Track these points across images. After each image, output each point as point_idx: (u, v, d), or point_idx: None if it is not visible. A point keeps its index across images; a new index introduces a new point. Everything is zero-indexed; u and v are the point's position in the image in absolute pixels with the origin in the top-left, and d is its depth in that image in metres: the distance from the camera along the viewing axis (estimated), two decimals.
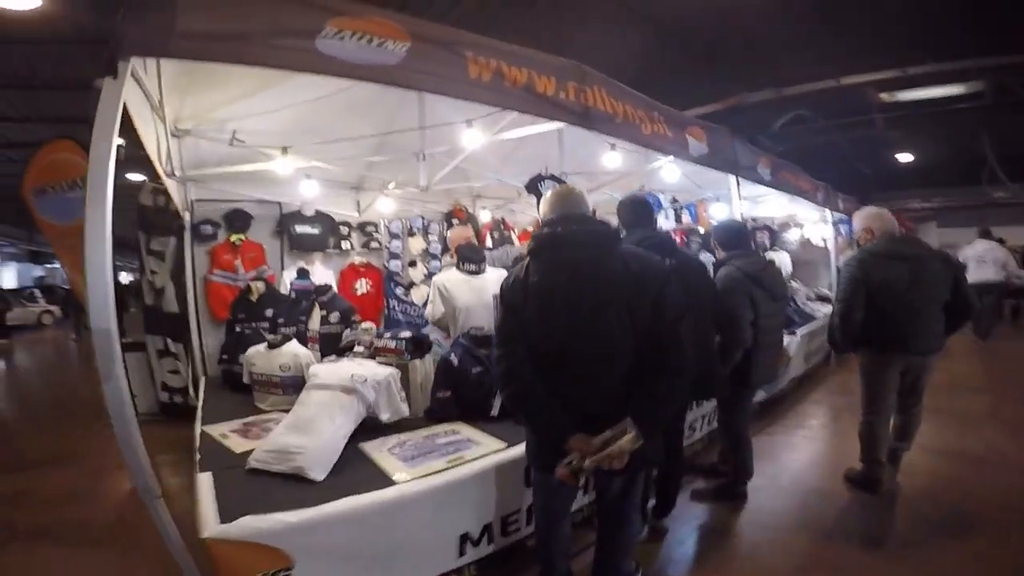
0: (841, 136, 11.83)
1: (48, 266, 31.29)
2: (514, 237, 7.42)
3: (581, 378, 2.04)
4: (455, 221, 6.78)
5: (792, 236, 9.73)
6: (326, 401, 2.89)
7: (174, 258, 5.71)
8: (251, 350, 4.10)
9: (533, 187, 4.77)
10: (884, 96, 11.03)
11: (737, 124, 12.27)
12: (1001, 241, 10.28)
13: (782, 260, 9.83)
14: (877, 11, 8.10)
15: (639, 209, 3.09)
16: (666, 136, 4.17)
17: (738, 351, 3.21)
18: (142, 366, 5.83)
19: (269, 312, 5.11)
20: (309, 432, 2.67)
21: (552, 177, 4.72)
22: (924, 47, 8.91)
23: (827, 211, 8.67)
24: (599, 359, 2.01)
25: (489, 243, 6.98)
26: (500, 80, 2.85)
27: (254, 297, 5.17)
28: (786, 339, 5.34)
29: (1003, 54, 8.81)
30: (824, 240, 9.48)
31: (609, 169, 5.46)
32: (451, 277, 4.11)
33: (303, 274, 5.74)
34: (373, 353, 3.59)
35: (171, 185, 4.97)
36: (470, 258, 4.12)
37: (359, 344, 3.71)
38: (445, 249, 6.61)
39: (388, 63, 2.40)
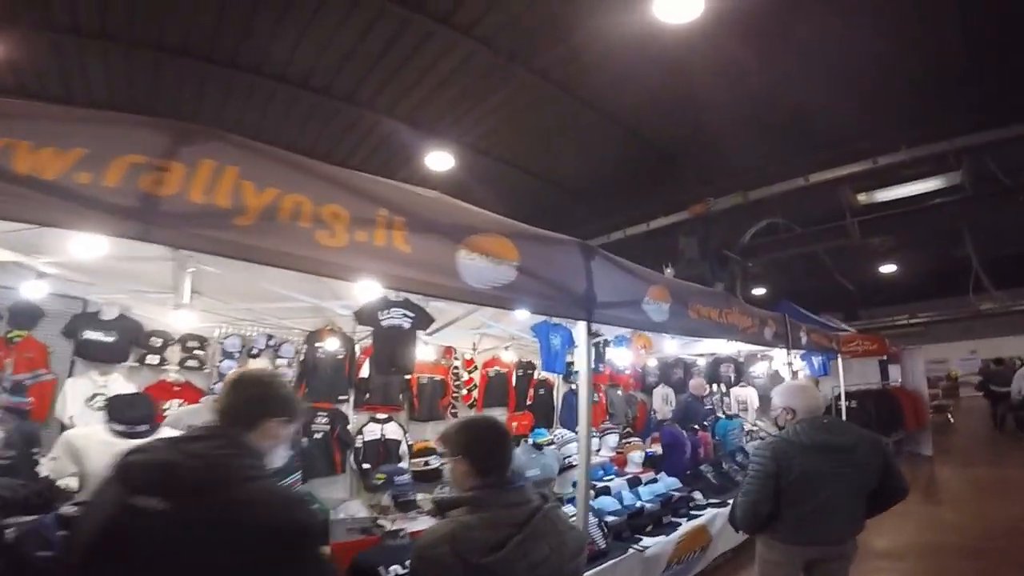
0: (818, 246, 11.01)
1: None
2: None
3: None
4: (319, 342, 5.32)
5: (760, 369, 8.61)
6: None
7: None
8: None
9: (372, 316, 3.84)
10: (861, 197, 10.33)
11: (706, 237, 11.63)
12: None
13: (748, 396, 8.70)
14: (844, 100, 7.47)
15: None
16: None
17: None
18: None
19: None
20: None
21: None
22: (895, 135, 8.28)
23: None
24: None
25: None
26: None
27: None
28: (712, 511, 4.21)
29: (978, 131, 8.06)
30: (795, 373, 8.34)
31: None
32: (90, 433, 2.78)
33: (17, 389, 4.01)
34: None
35: None
36: (120, 415, 2.72)
37: None
38: (303, 377, 5.17)
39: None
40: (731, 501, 4.58)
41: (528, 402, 6.83)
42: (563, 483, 4.11)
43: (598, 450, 5.05)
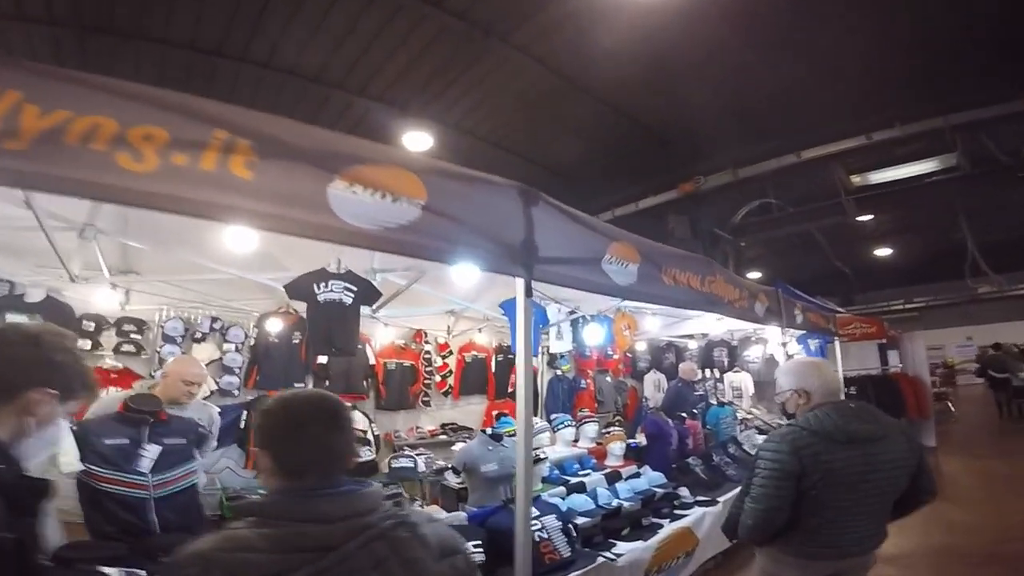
0: (812, 224, 10.45)
1: None
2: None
3: None
4: (271, 324, 4.69)
5: (754, 353, 8.08)
6: None
7: None
8: None
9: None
10: (855, 179, 9.77)
11: (697, 216, 11.03)
12: None
13: (743, 381, 8.17)
14: (838, 77, 6.95)
15: None
16: None
17: None
18: None
19: None
20: None
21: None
22: (889, 110, 7.75)
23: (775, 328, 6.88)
24: None
25: None
26: None
27: None
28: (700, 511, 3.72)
29: (975, 108, 7.53)
30: (791, 358, 7.81)
31: None
32: None
33: None
34: None
35: None
36: None
37: None
38: (254, 363, 4.70)
39: None
40: (721, 500, 4.16)
41: (510, 389, 6.32)
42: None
43: (576, 440, 4.53)
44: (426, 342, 5.86)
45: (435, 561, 1.03)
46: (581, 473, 3.92)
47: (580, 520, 3.23)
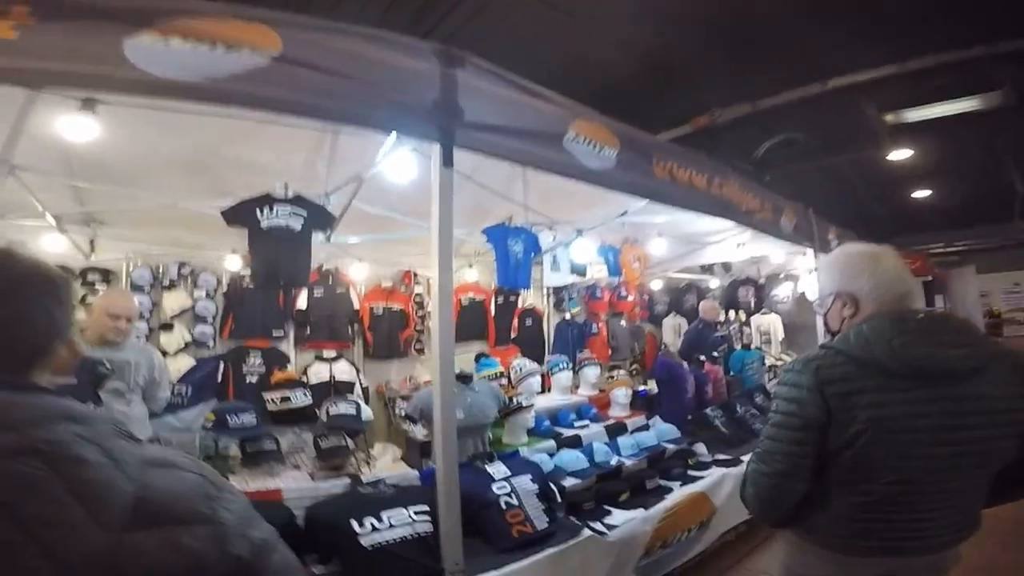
0: (842, 158, 9.23)
1: None
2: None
3: None
4: (247, 273, 4.08)
5: (784, 292, 7.20)
6: None
7: None
8: None
9: None
10: (888, 118, 8.45)
11: (712, 151, 9.75)
12: None
13: (771, 324, 7.32)
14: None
15: None
16: None
17: None
18: None
19: None
20: None
21: None
22: (925, 38, 6.49)
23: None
24: None
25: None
26: None
27: None
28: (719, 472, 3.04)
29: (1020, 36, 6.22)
30: None
31: None
32: None
33: None
34: None
35: None
36: None
37: None
38: (229, 311, 4.18)
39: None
40: (745, 459, 3.37)
41: (513, 334, 5.67)
42: (513, 430, 2.96)
43: (577, 386, 3.85)
44: (416, 283, 5.21)
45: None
46: (578, 425, 3.28)
47: (569, 482, 2.60)
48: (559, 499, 2.43)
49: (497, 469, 2.29)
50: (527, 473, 2.33)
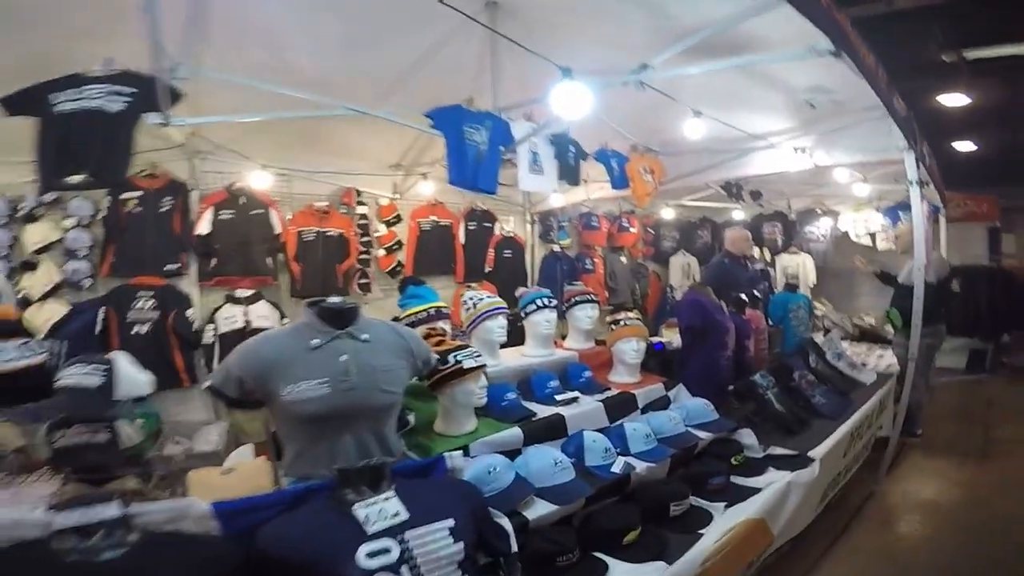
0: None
1: None
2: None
3: None
4: (130, 196, 3.06)
5: (820, 228, 5.84)
6: None
7: None
8: None
9: None
10: (945, 58, 6.71)
11: None
12: None
13: (802, 265, 6.00)
14: None
15: None
16: None
17: None
18: None
19: None
20: None
21: None
22: None
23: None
24: None
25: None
26: None
27: None
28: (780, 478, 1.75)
29: None
30: (873, 235, 5.54)
31: None
32: None
33: None
34: None
35: None
36: None
37: None
38: (109, 242, 3.04)
39: None
40: (818, 455, 1.87)
41: (487, 267, 4.38)
42: (450, 412, 1.64)
43: (564, 337, 2.54)
44: (360, 203, 3.86)
45: None
46: (560, 399, 2.01)
47: (536, 511, 1.39)
48: (511, 547, 1.22)
49: (377, 510, 1.06)
50: (445, 515, 1.10)
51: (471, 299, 2.05)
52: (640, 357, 2.25)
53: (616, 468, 1.65)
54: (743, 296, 2.76)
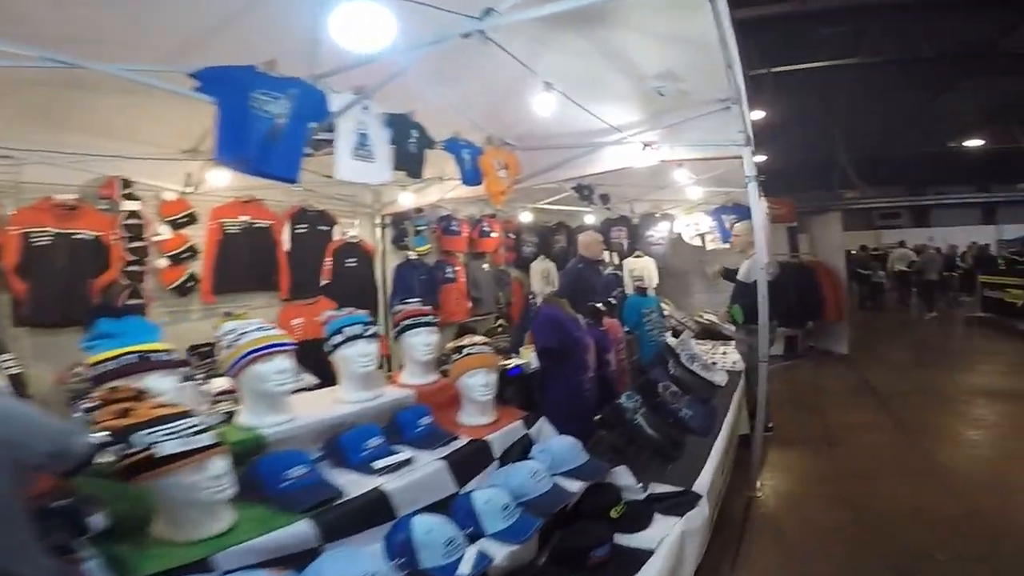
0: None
1: None
2: None
3: None
4: None
5: (660, 231, 6.06)
6: None
7: None
8: None
9: None
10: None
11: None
12: None
13: (645, 268, 6.18)
14: None
15: None
16: None
17: None
18: None
19: None
20: None
21: None
22: None
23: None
24: None
25: None
26: None
27: None
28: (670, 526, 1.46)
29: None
30: (702, 236, 5.89)
31: None
32: None
33: None
34: None
35: None
36: None
37: None
38: None
39: None
40: (704, 489, 1.64)
41: (324, 280, 3.58)
42: (172, 510, 1.01)
43: (401, 368, 1.90)
44: (129, 196, 2.82)
45: None
46: (383, 465, 1.36)
47: None
48: None
49: None
50: None
51: (231, 333, 1.35)
52: (491, 392, 1.75)
53: (465, 567, 1.12)
54: (599, 305, 2.43)
